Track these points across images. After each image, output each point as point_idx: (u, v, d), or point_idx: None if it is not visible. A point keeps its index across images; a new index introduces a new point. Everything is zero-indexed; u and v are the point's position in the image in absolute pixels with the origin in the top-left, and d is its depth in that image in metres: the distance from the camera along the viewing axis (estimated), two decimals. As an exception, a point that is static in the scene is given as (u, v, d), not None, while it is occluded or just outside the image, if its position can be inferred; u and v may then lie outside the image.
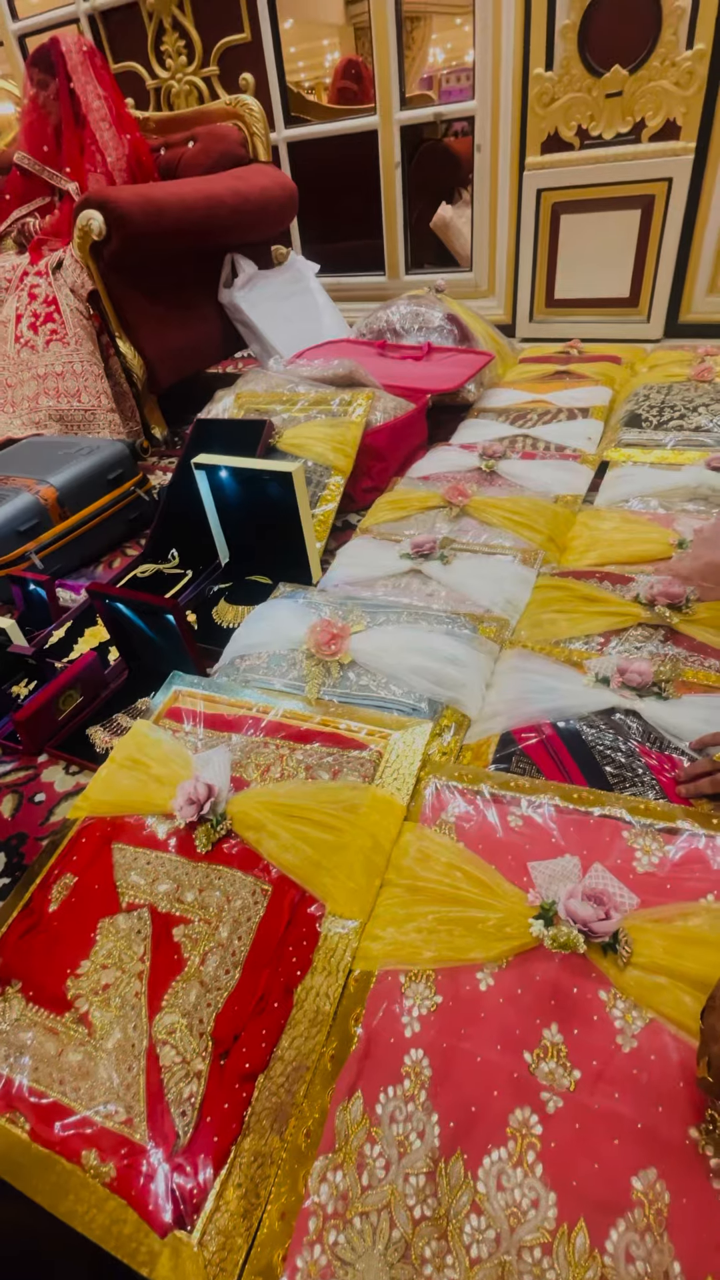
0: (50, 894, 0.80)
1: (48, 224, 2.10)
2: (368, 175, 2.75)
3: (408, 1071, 0.60)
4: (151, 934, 0.72)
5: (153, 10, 2.73)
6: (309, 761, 0.85)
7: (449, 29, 7.46)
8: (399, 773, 0.80)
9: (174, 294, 2.02)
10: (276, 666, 1.01)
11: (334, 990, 0.66)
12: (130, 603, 1.07)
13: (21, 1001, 0.71)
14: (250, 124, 2.23)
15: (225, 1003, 0.66)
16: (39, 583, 1.28)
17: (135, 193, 1.79)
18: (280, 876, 0.74)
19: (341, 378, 1.63)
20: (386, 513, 1.36)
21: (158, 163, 2.20)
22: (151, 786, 0.85)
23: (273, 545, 1.31)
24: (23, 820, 0.95)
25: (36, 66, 2.06)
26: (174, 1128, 0.60)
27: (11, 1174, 0.61)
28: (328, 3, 6.56)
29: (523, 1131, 0.55)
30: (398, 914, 0.69)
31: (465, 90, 2.45)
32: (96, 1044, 0.66)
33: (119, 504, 1.58)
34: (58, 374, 1.85)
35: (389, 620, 1.00)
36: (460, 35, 7.58)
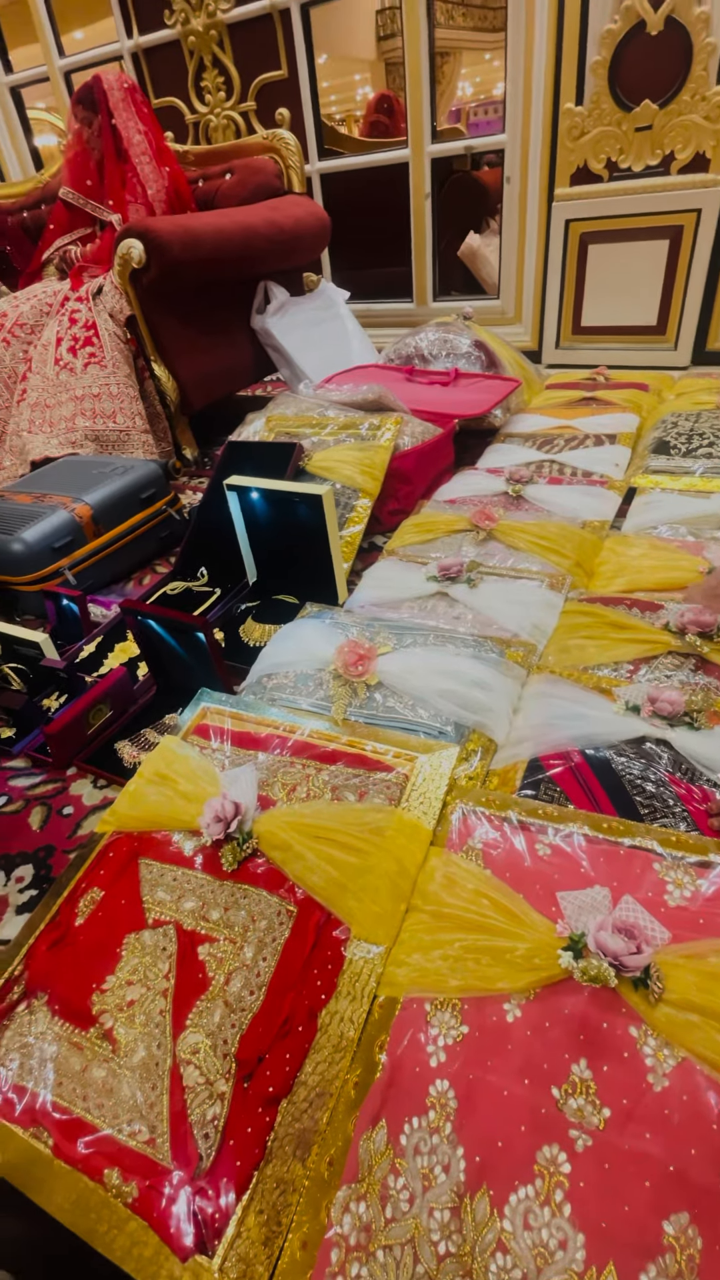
0: (77, 907, 0.80)
1: (89, 252, 2.18)
2: (397, 205, 2.81)
3: (433, 1102, 0.59)
4: (177, 951, 0.73)
5: (194, 48, 2.84)
6: (335, 782, 0.85)
7: (478, 64, 7.63)
8: (425, 796, 0.80)
9: (208, 319, 2.07)
10: (303, 686, 1.02)
11: (358, 1016, 0.66)
12: (161, 620, 1.09)
13: (47, 1014, 0.71)
14: (286, 157, 2.30)
15: (249, 1024, 0.66)
16: (72, 598, 1.31)
17: (174, 223, 1.85)
18: (305, 898, 0.74)
19: (370, 402, 1.66)
20: (413, 535, 1.37)
21: (196, 194, 2.27)
22: (179, 803, 0.86)
23: (300, 565, 1.33)
24: (51, 833, 0.96)
25: (80, 104, 2.15)
26: (197, 1150, 0.60)
27: (34, 1189, 0.61)
28: (360, 39, 6.76)
29: (550, 1169, 0.54)
30: (423, 940, 0.68)
31: (493, 123, 2.51)
32: (120, 1061, 0.66)
33: (150, 522, 1.61)
34: (95, 395, 1.90)
35: (415, 642, 1.01)
36: (489, 70, 7.76)
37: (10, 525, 1.40)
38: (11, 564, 1.38)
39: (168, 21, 2.83)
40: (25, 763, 1.09)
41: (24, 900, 0.88)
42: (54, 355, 1.95)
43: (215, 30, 2.75)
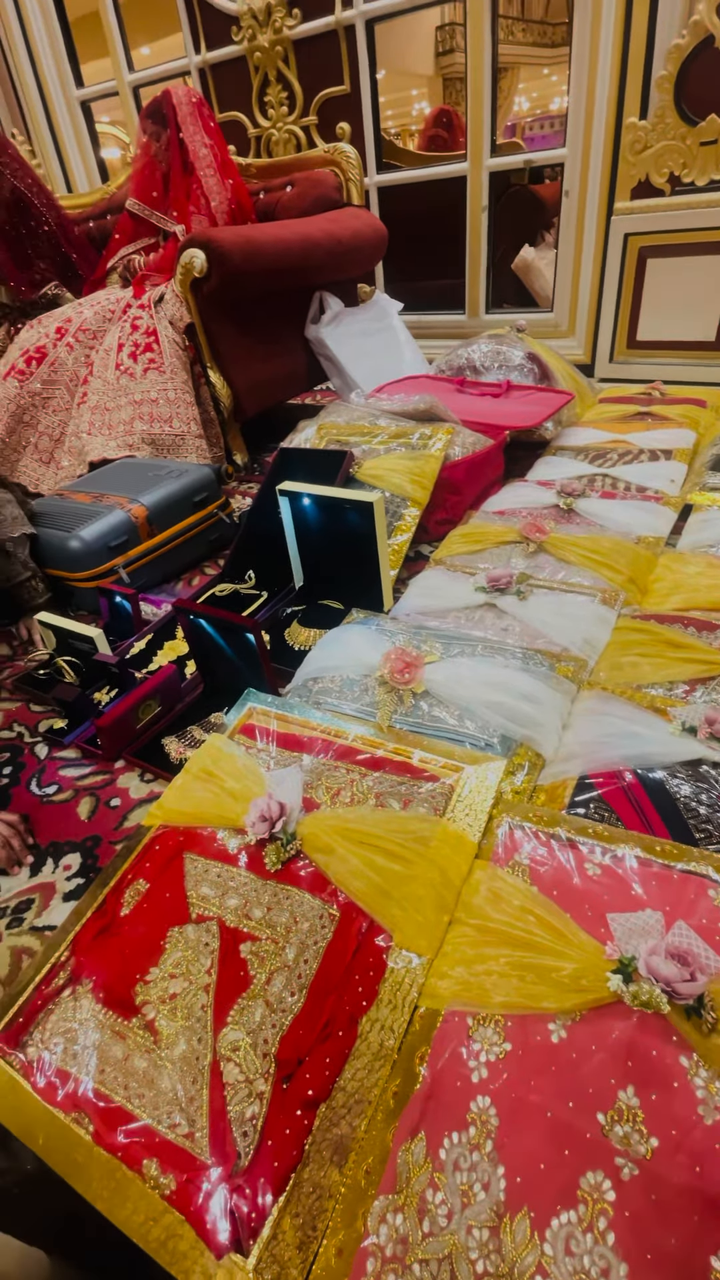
0: (123, 898, 0.82)
1: (152, 261, 2.24)
2: (452, 218, 2.83)
3: (473, 1119, 0.59)
4: (219, 948, 0.73)
5: (259, 64, 2.91)
6: (379, 789, 0.85)
7: (535, 79, 7.64)
8: (471, 808, 0.79)
9: (263, 328, 2.11)
10: (349, 691, 1.02)
11: (399, 1025, 0.65)
12: (212, 620, 1.11)
13: (91, 1001, 0.73)
14: (346, 170, 2.33)
15: (290, 1025, 0.66)
16: (125, 596, 1.34)
17: (236, 233, 1.89)
18: (348, 902, 0.74)
19: (421, 412, 1.66)
20: (460, 545, 1.37)
21: (256, 206, 2.32)
22: (225, 800, 0.87)
23: (347, 572, 1.33)
24: (98, 823, 0.98)
25: (150, 119, 2.21)
26: (235, 1147, 0.60)
27: (73, 1175, 0.62)
28: (419, 55, 6.84)
29: (594, 1196, 0.53)
30: (467, 954, 0.68)
31: (549, 137, 2.51)
32: (162, 1053, 0.67)
33: (202, 525, 1.64)
34: (153, 400, 1.95)
35: (463, 652, 1.00)
36: (546, 85, 7.76)
37: (69, 523, 1.45)
38: (69, 560, 1.43)
39: (235, 38, 2.90)
40: (76, 753, 1.11)
41: (71, 888, 0.90)
42: (115, 360, 2.01)
43: (281, 46, 2.81)
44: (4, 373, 2.10)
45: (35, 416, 2.09)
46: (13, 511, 1.33)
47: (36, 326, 2.20)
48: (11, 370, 2.08)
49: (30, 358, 2.09)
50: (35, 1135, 0.65)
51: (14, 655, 1.41)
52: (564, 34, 6.21)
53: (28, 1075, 0.69)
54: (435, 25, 6.59)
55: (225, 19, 2.91)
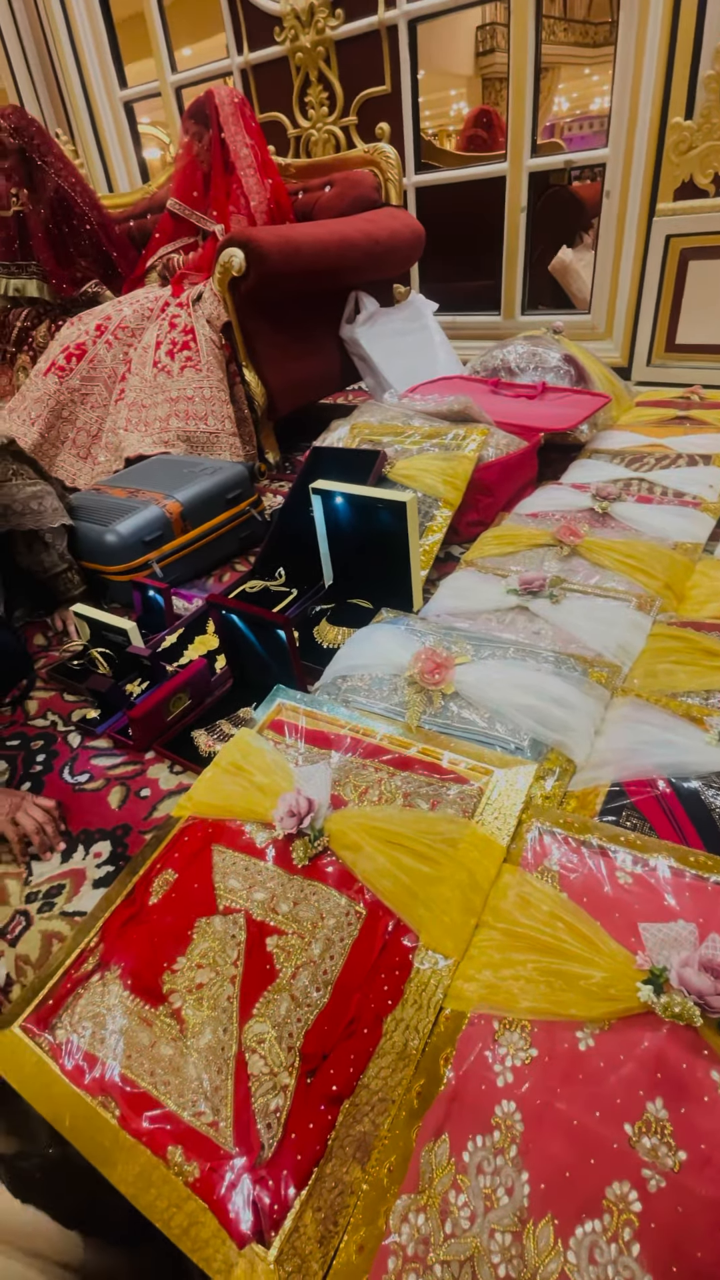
0: (151, 887, 0.83)
1: (191, 260, 2.27)
2: (490, 219, 2.81)
3: (498, 1123, 0.58)
4: (246, 940, 0.74)
5: (300, 64, 2.93)
6: (407, 789, 0.85)
7: (575, 79, 7.56)
8: (500, 812, 0.79)
9: (298, 328, 2.12)
10: (378, 690, 1.02)
11: (424, 1026, 0.65)
12: (244, 615, 1.12)
13: (120, 987, 0.74)
14: (385, 170, 2.33)
15: (315, 1021, 0.66)
16: (158, 590, 1.36)
17: (274, 233, 1.90)
18: (374, 901, 0.74)
19: (455, 413, 1.66)
20: (492, 547, 1.36)
21: (295, 206, 2.33)
22: (254, 794, 0.87)
23: (377, 571, 1.33)
24: (128, 812, 1.00)
25: (192, 119, 2.24)
26: (259, 1139, 0.60)
27: (98, 1158, 0.63)
28: (458, 56, 6.81)
29: (620, 1206, 0.52)
30: (493, 958, 0.67)
31: (588, 137, 2.48)
32: (188, 1042, 0.68)
33: (234, 522, 1.66)
34: (189, 398, 1.97)
35: (494, 655, 1.00)
36: (586, 85, 7.68)
37: (106, 517, 1.47)
38: (105, 554, 1.45)
39: (277, 38, 2.92)
40: (107, 743, 1.13)
41: (101, 875, 0.91)
42: (153, 358, 2.04)
43: (323, 46, 2.82)
44: (45, 369, 2.14)
45: (74, 412, 2.12)
46: (53, 503, 1.36)
47: (77, 324, 2.24)
48: (52, 367, 2.12)
49: (70, 354, 2.13)
50: (62, 1117, 0.67)
51: (49, 645, 1.43)
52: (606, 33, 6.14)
53: (56, 1057, 0.70)
54: (476, 25, 6.56)
55: (268, 20, 2.93)
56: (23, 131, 2.43)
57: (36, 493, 1.32)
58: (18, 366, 2.51)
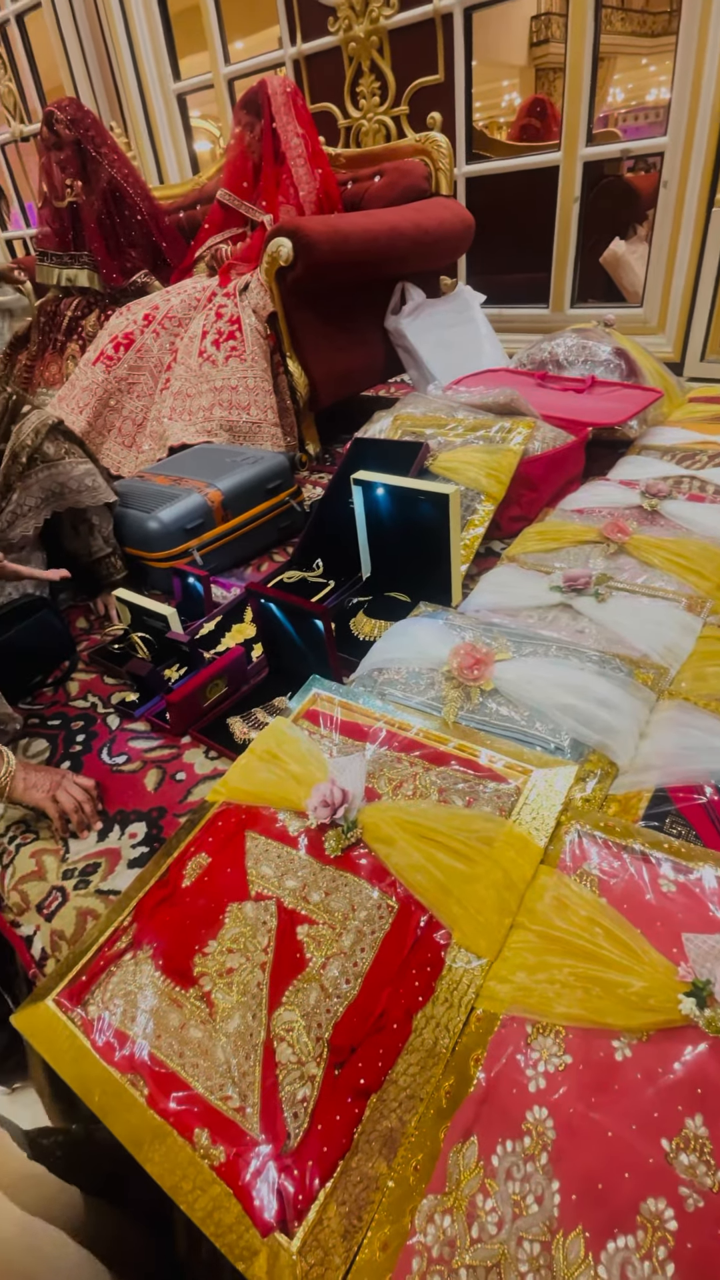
0: (185, 869, 0.84)
1: (238, 250, 2.27)
2: (541, 210, 2.75)
3: (529, 1129, 0.57)
4: (277, 928, 0.74)
5: (353, 54, 2.90)
6: (443, 784, 0.83)
7: (632, 69, 7.38)
8: (538, 813, 0.77)
9: (344, 319, 2.11)
10: (414, 684, 1.01)
11: (455, 1024, 0.64)
12: (283, 604, 1.12)
13: (151, 967, 0.74)
14: (437, 159, 2.30)
15: (344, 1013, 0.66)
16: (198, 577, 1.37)
17: (323, 222, 1.89)
18: (407, 895, 0.73)
19: (501, 405, 1.63)
20: (535, 543, 1.33)
21: (344, 196, 2.32)
22: (288, 783, 0.87)
23: (417, 564, 1.32)
24: (164, 795, 1.01)
25: (244, 109, 2.24)
26: (285, 1127, 0.60)
27: (126, 1136, 0.64)
28: (511, 45, 6.70)
29: (655, 1224, 0.50)
30: (528, 960, 0.66)
31: (643, 129, 2.41)
32: (217, 1025, 0.68)
33: (273, 512, 1.66)
34: (232, 388, 1.98)
35: (535, 652, 0.98)
36: (643, 75, 7.48)
37: (149, 504, 1.49)
38: (147, 540, 1.47)
39: (331, 29, 2.90)
40: (145, 726, 1.14)
41: (135, 855, 0.92)
42: (198, 347, 2.05)
43: (376, 36, 2.80)
44: (94, 358, 2.17)
45: (120, 401, 2.15)
46: (102, 480, 1.38)
47: (125, 314, 2.27)
48: (101, 356, 2.16)
49: (118, 344, 2.16)
50: (91, 1092, 0.67)
51: (91, 628, 1.46)
52: (665, 23, 5.96)
53: (88, 1033, 0.71)
54: (530, 15, 6.44)
55: (322, 10, 2.91)
56: (78, 123, 2.46)
57: (88, 470, 1.34)
58: (67, 355, 2.56)
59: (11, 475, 1.23)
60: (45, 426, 1.27)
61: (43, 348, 2.68)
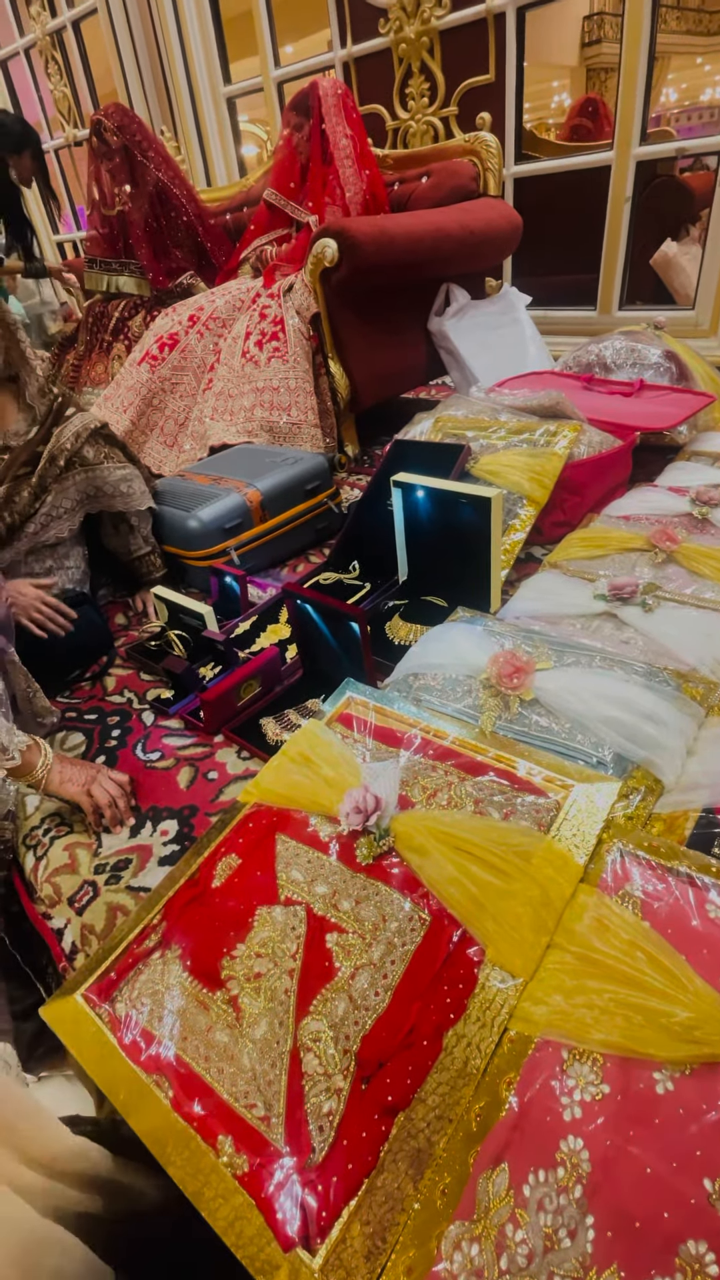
0: (215, 870, 0.83)
1: (283, 251, 2.28)
2: (589, 210, 2.70)
3: (563, 1159, 0.55)
4: (306, 934, 0.73)
5: (403, 55, 2.90)
6: (478, 795, 0.81)
7: (686, 69, 7.22)
8: (579, 829, 0.75)
9: (387, 320, 2.10)
10: (451, 691, 0.99)
11: (486, 1045, 0.62)
12: (319, 606, 1.11)
13: (179, 967, 0.74)
14: (485, 159, 2.28)
15: (373, 1026, 0.64)
16: (235, 577, 1.37)
17: (369, 223, 1.88)
18: (440, 909, 0.71)
19: (546, 408, 1.59)
20: (579, 549, 1.30)
21: (391, 196, 2.31)
22: (320, 787, 0.86)
23: (455, 569, 1.30)
24: (196, 793, 1.01)
25: (294, 110, 2.25)
26: (310, 1140, 0.59)
27: (149, 1136, 0.63)
28: (563, 46, 6.61)
29: (694, 1268, 0.48)
30: (565, 983, 0.63)
31: (697, 129, 2.35)
32: (243, 1031, 0.67)
33: (311, 513, 1.66)
34: (274, 388, 1.99)
35: (578, 662, 0.95)
36: (697, 75, 7.32)
37: (189, 503, 1.50)
38: (186, 539, 1.48)
39: (381, 30, 2.90)
40: (179, 724, 1.15)
41: (166, 853, 0.92)
42: (241, 348, 2.07)
43: (427, 36, 2.78)
44: (139, 358, 2.20)
45: (163, 401, 2.18)
46: (140, 486, 1.39)
47: (171, 314, 2.30)
48: (146, 356, 2.18)
49: (163, 344, 2.18)
50: (117, 1090, 0.67)
51: (129, 625, 1.47)
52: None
53: (114, 1030, 0.71)
54: (583, 15, 6.35)
55: (373, 12, 2.91)
56: (125, 129, 2.51)
57: (126, 475, 1.36)
58: (113, 355, 2.61)
59: (48, 478, 1.25)
60: (86, 430, 1.29)
61: (90, 347, 2.73)
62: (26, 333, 1.22)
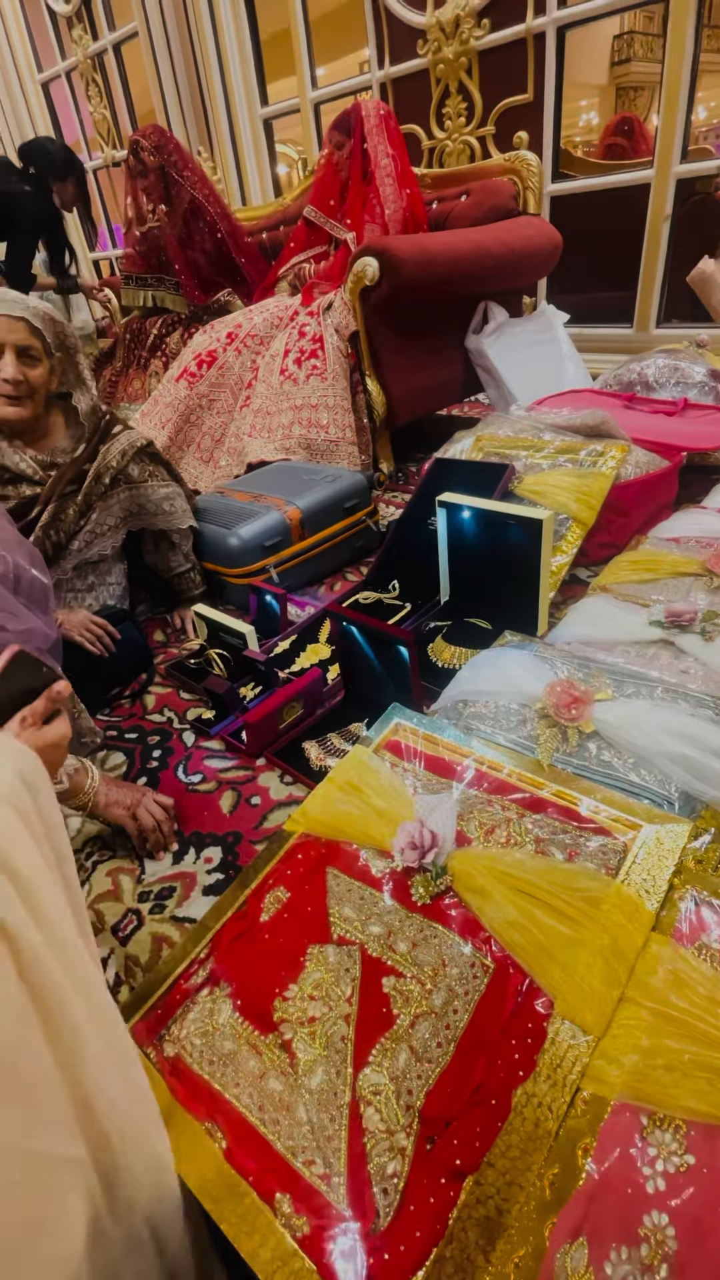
0: (263, 902, 0.81)
1: (321, 269, 2.29)
2: (624, 228, 2.69)
3: (647, 1234, 0.51)
4: (361, 977, 0.70)
5: (441, 76, 2.92)
6: (539, 833, 0.78)
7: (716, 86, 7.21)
8: (649, 873, 0.71)
9: (424, 337, 2.09)
10: (504, 720, 0.96)
11: (558, 1106, 0.58)
12: (365, 628, 1.09)
13: (229, 1006, 0.71)
14: (526, 178, 2.27)
15: (437, 1080, 0.61)
16: (275, 595, 1.35)
17: (409, 241, 1.88)
18: (504, 955, 0.68)
19: (591, 427, 1.57)
20: (629, 572, 1.26)
21: (430, 215, 2.31)
22: (371, 818, 0.84)
23: (500, 590, 1.27)
24: (239, 819, 0.99)
25: (336, 129, 2.26)
26: (374, 1204, 0.56)
27: (201, 1189, 0.60)
28: (593, 66, 6.64)
29: None
30: (641, 1042, 0.60)
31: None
32: (299, 1079, 0.64)
33: (350, 531, 1.64)
34: (313, 406, 1.98)
35: (638, 693, 0.91)
36: (727, 94, 7.30)
37: (229, 521, 1.49)
38: (226, 556, 1.47)
39: (420, 51, 2.93)
40: (220, 745, 1.13)
41: (210, 882, 0.90)
42: (280, 366, 2.07)
43: (465, 57, 2.80)
44: (177, 375, 2.22)
45: (200, 417, 2.19)
46: (183, 505, 1.39)
47: (209, 331, 2.32)
48: (184, 373, 2.20)
49: (201, 361, 2.20)
50: (166, 1132, 0.65)
51: (167, 642, 1.46)
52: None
53: (163, 1071, 0.69)
54: (613, 34, 6.38)
55: (411, 33, 2.94)
56: (161, 149, 2.55)
57: (169, 494, 1.35)
58: (150, 372, 2.63)
59: (93, 495, 1.25)
60: (133, 448, 1.29)
61: (127, 364, 2.76)
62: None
